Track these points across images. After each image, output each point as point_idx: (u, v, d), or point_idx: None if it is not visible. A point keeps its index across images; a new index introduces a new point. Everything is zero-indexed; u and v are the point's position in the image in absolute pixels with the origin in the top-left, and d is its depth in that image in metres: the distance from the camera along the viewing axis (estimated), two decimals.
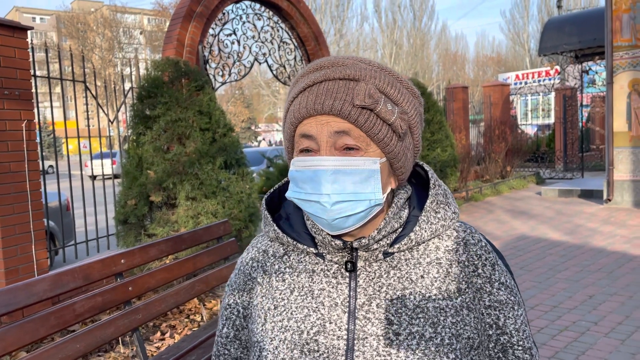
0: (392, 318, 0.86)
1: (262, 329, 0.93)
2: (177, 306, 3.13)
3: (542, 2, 43.92)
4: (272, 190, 1.01)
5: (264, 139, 46.36)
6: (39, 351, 2.16)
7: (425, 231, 0.90)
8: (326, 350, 0.86)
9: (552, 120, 18.85)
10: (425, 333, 0.85)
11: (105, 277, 2.67)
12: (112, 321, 2.55)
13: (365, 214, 0.85)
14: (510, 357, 0.93)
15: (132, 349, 3.76)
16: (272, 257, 0.97)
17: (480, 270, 0.91)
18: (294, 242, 0.92)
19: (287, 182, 1.01)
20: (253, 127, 48.53)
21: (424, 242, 0.92)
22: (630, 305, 4.51)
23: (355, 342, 0.85)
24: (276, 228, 0.94)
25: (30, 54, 4.49)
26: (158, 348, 3.82)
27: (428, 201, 0.92)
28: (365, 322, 0.86)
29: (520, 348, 0.93)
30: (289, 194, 0.88)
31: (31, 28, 4.46)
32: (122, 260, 2.74)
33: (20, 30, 4.29)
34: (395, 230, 0.90)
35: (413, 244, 0.90)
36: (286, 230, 0.95)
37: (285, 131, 0.90)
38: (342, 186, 0.82)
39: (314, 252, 0.92)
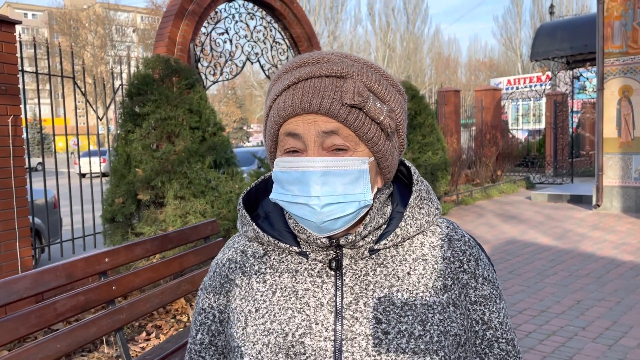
0: (381, 317, 0.84)
1: (242, 333, 0.89)
2: (163, 306, 3.09)
3: (535, 8, 44.27)
4: (248, 188, 0.98)
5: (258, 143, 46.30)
6: (19, 350, 2.11)
7: (411, 227, 0.88)
8: (313, 353, 0.83)
9: (542, 125, 18.96)
10: (415, 331, 0.83)
11: (89, 275, 2.62)
12: (94, 321, 2.50)
13: (355, 215, 0.83)
14: (496, 351, 0.92)
15: (117, 349, 3.71)
16: (251, 258, 0.93)
17: (465, 266, 0.90)
18: (275, 242, 0.89)
19: (264, 181, 0.98)
20: (245, 128, 48.46)
21: (409, 238, 0.90)
22: (618, 310, 4.52)
23: (344, 342, 0.83)
24: (255, 227, 0.91)
25: (18, 48, 4.42)
26: (143, 348, 3.77)
27: (412, 197, 0.90)
28: (353, 321, 0.84)
29: (504, 340, 0.92)
30: (273, 196, 0.85)
31: (19, 22, 4.40)
32: (106, 259, 2.70)
33: (8, 24, 4.23)
34: (380, 227, 0.88)
35: (399, 239, 0.88)
36: (266, 230, 0.91)
37: (268, 130, 0.87)
38: (332, 188, 0.80)
39: (297, 250, 0.89)
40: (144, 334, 4.01)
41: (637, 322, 4.24)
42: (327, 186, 0.79)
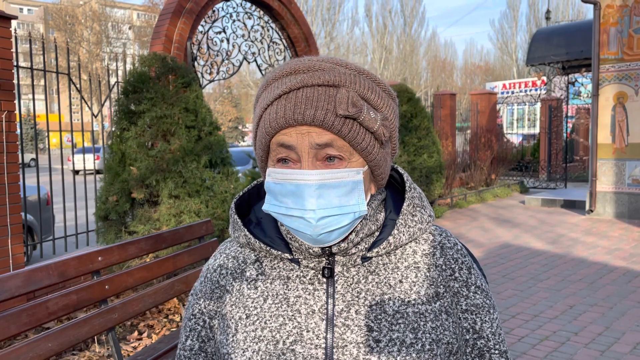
0: (372, 324, 0.83)
1: (232, 340, 0.88)
2: (156, 306, 3.07)
3: (531, 13, 44.46)
4: (241, 193, 0.97)
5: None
6: (10, 349, 2.09)
7: (404, 234, 0.88)
8: None
9: (537, 130, 19.05)
10: (406, 339, 0.83)
11: (82, 274, 2.60)
12: (87, 320, 2.48)
13: (349, 227, 0.83)
14: None
15: (108, 349, 3.68)
16: (242, 264, 0.93)
17: (457, 274, 0.90)
18: (267, 248, 0.88)
19: (257, 186, 0.97)
20: (240, 127, 48.39)
21: (402, 246, 0.89)
22: (611, 316, 4.53)
23: (334, 350, 0.82)
24: (247, 233, 0.90)
25: (14, 43, 4.39)
26: (135, 348, 3.75)
27: (405, 204, 0.90)
28: (344, 329, 0.83)
29: (496, 352, 0.92)
30: (266, 208, 0.84)
31: (15, 17, 4.36)
32: (100, 258, 2.68)
33: (3, 19, 4.19)
34: (372, 234, 0.88)
35: (391, 247, 0.87)
36: (258, 236, 0.90)
37: (259, 140, 0.85)
38: (327, 200, 0.79)
39: (289, 257, 0.88)
40: (135, 333, 3.99)
41: (629, 328, 4.25)
42: (323, 199, 0.79)
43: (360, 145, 0.80)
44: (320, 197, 0.78)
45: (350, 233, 0.85)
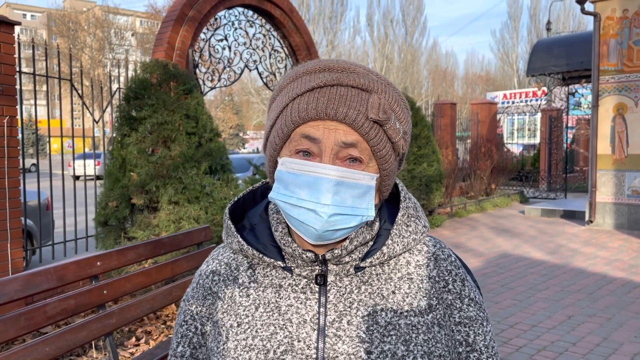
0: (364, 336, 0.83)
1: (223, 348, 0.87)
2: (154, 312, 3.07)
3: (532, 24, 44.69)
4: (235, 199, 0.96)
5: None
6: (7, 353, 2.09)
7: (398, 245, 0.88)
8: None
9: (537, 140, 19.07)
10: (398, 351, 0.82)
11: (80, 279, 2.61)
12: (84, 325, 2.48)
13: (354, 229, 0.83)
14: None
15: (105, 354, 3.68)
16: (235, 271, 0.92)
17: (450, 286, 0.90)
18: (260, 255, 0.88)
19: (252, 192, 0.97)
20: (241, 134, 48.49)
21: (395, 257, 0.89)
22: (609, 327, 4.53)
23: None
24: (240, 239, 0.89)
25: (17, 49, 4.42)
26: (132, 354, 3.74)
27: (399, 214, 0.90)
28: (336, 340, 0.83)
29: None
30: (273, 196, 0.83)
31: (19, 23, 4.39)
32: (98, 263, 2.68)
33: (7, 24, 4.23)
34: (366, 243, 0.88)
35: (385, 257, 0.87)
36: (251, 242, 0.90)
37: (279, 128, 0.84)
38: (342, 198, 0.79)
39: (282, 265, 0.88)
40: (133, 339, 3.98)
41: (627, 339, 4.25)
42: (338, 196, 0.79)
43: (380, 152, 0.81)
44: (336, 193, 0.79)
45: (345, 240, 0.85)
